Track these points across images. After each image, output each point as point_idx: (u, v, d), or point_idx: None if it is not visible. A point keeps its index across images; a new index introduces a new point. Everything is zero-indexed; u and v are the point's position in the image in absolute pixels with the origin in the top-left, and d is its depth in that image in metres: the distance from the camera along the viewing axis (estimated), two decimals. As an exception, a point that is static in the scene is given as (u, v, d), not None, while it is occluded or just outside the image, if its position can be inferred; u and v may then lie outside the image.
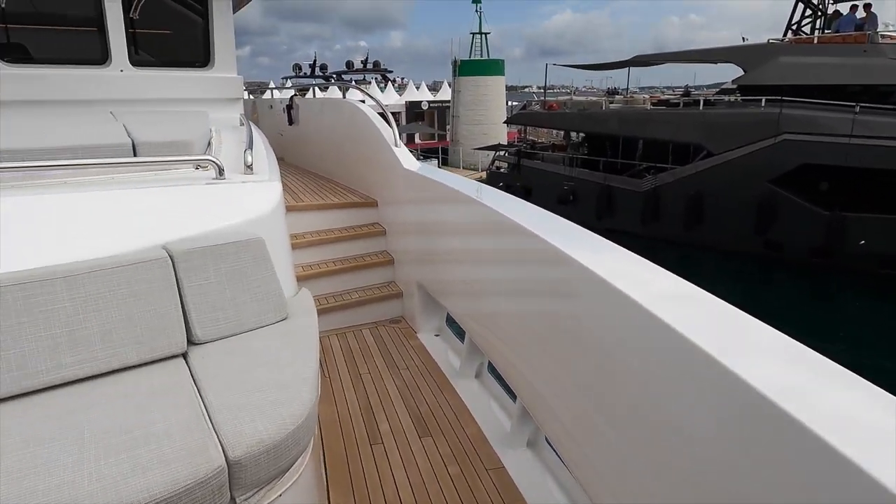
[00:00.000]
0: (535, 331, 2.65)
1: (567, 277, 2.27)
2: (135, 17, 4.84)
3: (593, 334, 2.11)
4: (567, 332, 2.32)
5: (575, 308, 2.25)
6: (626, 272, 2.01)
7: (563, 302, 2.37)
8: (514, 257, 2.87)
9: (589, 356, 2.14)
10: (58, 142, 2.65)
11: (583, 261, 2.14)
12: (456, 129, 36.08)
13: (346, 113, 6.24)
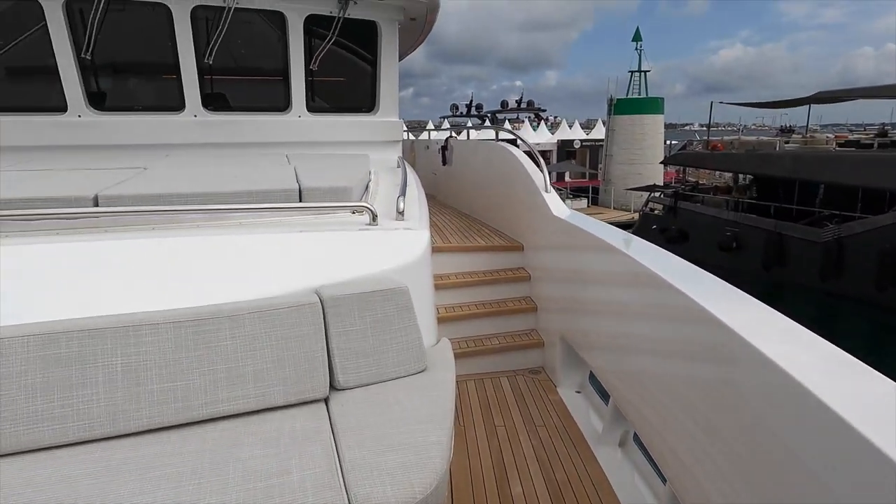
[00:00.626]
0: (686, 399, 2.36)
1: (722, 343, 2.04)
2: (314, 69, 5.33)
3: (752, 410, 1.85)
4: (723, 405, 2.05)
5: (731, 376, 1.99)
6: (786, 341, 1.85)
7: (717, 369, 2.10)
8: (663, 315, 2.62)
9: (748, 434, 1.87)
10: (239, 186, 2.93)
11: (742, 331, 1.94)
12: (609, 168, 35.11)
13: (497, 156, 6.29)
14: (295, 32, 5.09)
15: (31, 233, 2.48)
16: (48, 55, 4.63)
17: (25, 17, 4.59)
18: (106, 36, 4.64)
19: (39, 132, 4.79)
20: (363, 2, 5.17)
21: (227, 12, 4.71)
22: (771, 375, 1.75)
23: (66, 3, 4.46)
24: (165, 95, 5.13)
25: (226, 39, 4.86)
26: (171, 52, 4.86)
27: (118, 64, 5.22)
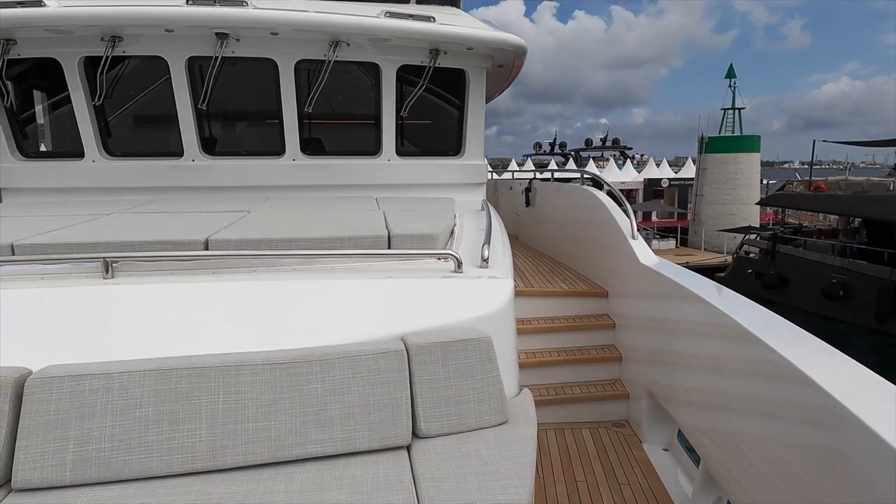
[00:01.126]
0: (786, 467, 2.19)
1: (823, 408, 1.89)
2: (405, 116, 5.56)
3: (865, 485, 1.68)
4: (829, 476, 1.88)
5: (837, 445, 1.83)
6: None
7: (820, 435, 1.94)
8: (756, 373, 2.46)
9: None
10: (332, 231, 3.09)
11: (846, 400, 1.81)
12: (699, 208, 33.70)
13: (582, 199, 6.23)
14: (388, 81, 5.36)
15: (152, 273, 2.72)
16: (169, 106, 5.13)
17: (152, 73, 5.14)
18: (219, 87, 5.09)
19: (159, 174, 5.29)
20: (453, 52, 5.37)
21: (328, 65, 5.04)
22: (883, 451, 1.60)
23: (188, 60, 4.95)
24: (268, 141, 5.53)
25: (323, 88, 5.19)
26: (274, 101, 5.25)
27: (228, 113, 5.70)
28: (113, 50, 4.78)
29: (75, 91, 4.98)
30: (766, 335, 2.43)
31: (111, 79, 5.01)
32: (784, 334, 2.46)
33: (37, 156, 5.49)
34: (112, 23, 4.63)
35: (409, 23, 4.95)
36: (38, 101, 5.70)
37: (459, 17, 6.39)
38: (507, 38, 5.34)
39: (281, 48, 5.00)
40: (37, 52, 4.86)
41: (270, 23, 4.71)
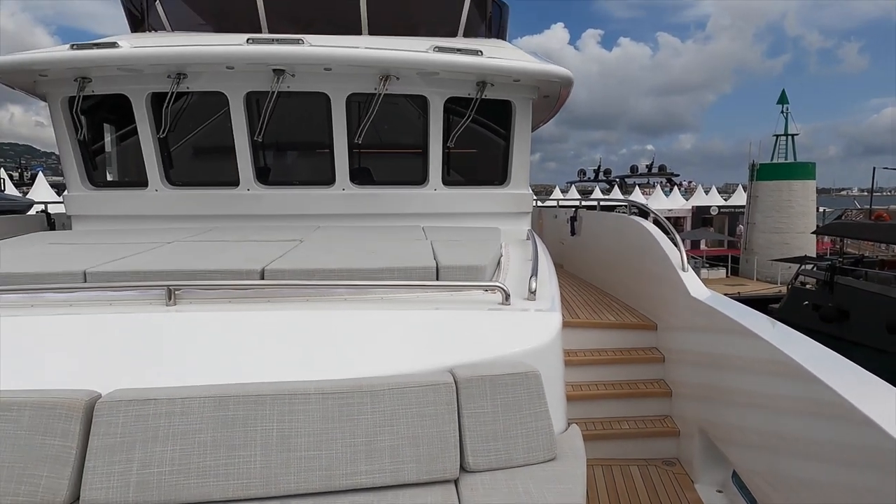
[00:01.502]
0: None
1: (892, 452, 1.78)
2: (451, 146, 5.64)
3: None
4: None
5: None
6: None
7: (892, 484, 1.83)
8: (816, 414, 2.36)
9: None
10: (382, 262, 3.15)
11: None
12: (751, 236, 32.65)
13: (629, 229, 6.15)
14: (435, 113, 5.47)
15: (211, 300, 2.84)
16: (227, 138, 5.38)
17: (211, 106, 5.40)
18: (273, 120, 5.30)
19: (216, 203, 5.52)
20: (499, 83, 5.45)
21: (378, 98, 5.19)
22: None
23: (246, 94, 5.19)
24: (319, 171, 5.70)
25: (372, 120, 5.34)
26: (326, 133, 5.43)
27: (281, 144, 5.92)
28: (178, 86, 5.06)
29: (142, 124, 5.28)
30: (826, 374, 2.34)
31: (174, 112, 5.29)
32: (845, 373, 2.37)
33: (104, 185, 5.81)
34: (179, 62, 4.91)
35: (457, 57, 5.06)
36: (107, 133, 6.07)
37: (506, 50, 6.49)
38: (553, 70, 5.39)
39: (333, 82, 5.19)
40: (109, 89, 5.19)
41: (325, 59, 4.91)
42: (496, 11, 7.47)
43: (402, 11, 7.29)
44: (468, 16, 6.97)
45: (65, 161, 5.61)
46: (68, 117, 5.31)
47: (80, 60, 4.85)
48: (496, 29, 7.50)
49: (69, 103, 5.23)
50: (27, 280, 2.86)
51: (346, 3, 6.61)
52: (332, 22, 6.78)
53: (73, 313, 2.67)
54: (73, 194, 5.62)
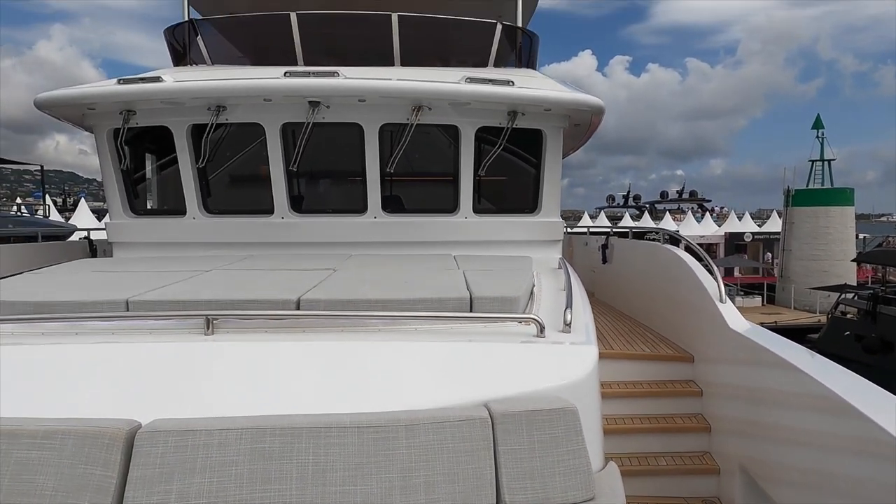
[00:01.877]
0: None
1: None
2: (482, 175, 5.67)
3: None
4: None
5: None
6: None
7: None
8: (865, 453, 2.25)
9: None
10: (416, 293, 3.15)
11: None
12: (787, 264, 31.83)
13: (662, 259, 6.05)
14: (466, 142, 5.51)
15: (248, 330, 2.87)
16: (263, 167, 5.50)
17: (248, 137, 5.55)
18: (307, 149, 5.41)
19: (251, 231, 5.63)
20: (530, 113, 5.48)
21: (410, 128, 5.27)
22: None
23: (283, 125, 5.32)
24: (351, 199, 5.78)
25: (404, 149, 5.41)
26: (358, 162, 5.51)
27: (315, 172, 6.03)
28: (217, 118, 5.22)
29: (182, 155, 5.45)
30: (872, 410, 2.24)
31: (213, 143, 5.45)
32: (891, 409, 2.26)
33: (145, 213, 5.99)
34: (219, 95, 5.08)
35: (488, 87, 5.12)
36: (148, 163, 6.28)
37: (536, 79, 6.54)
38: (584, 99, 5.40)
39: (367, 113, 5.29)
40: (152, 121, 5.38)
41: (359, 91, 5.01)
42: (526, 41, 7.56)
43: (433, 43, 7.42)
44: (498, 46, 7.07)
45: (108, 190, 5.81)
46: (113, 148, 5.51)
47: (127, 94, 5.05)
48: (526, 58, 7.58)
49: (114, 135, 5.43)
50: (72, 308, 2.94)
51: (379, 36, 6.76)
52: (366, 53, 6.94)
53: (114, 342, 2.72)
54: (114, 222, 5.80)
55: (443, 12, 7.61)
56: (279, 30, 6.57)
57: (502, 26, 7.01)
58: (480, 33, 7.15)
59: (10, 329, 2.80)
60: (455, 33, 7.57)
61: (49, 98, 5.17)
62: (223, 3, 7.96)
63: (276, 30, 6.68)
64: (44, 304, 2.97)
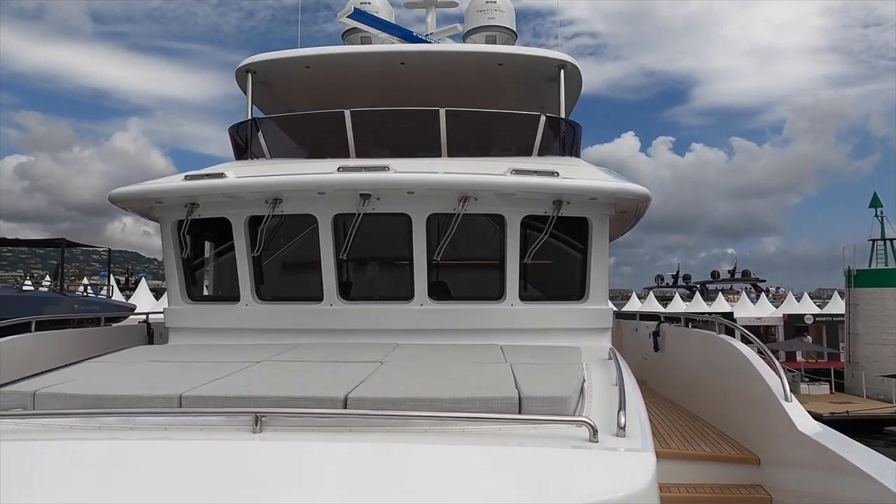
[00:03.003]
0: None
1: None
2: (528, 262, 5.66)
3: None
4: None
5: None
6: None
7: None
8: None
9: None
10: (463, 391, 3.10)
11: None
12: (854, 348, 29.91)
13: (719, 350, 5.80)
14: (512, 230, 5.56)
15: (296, 428, 2.86)
16: (313, 255, 5.67)
17: (301, 227, 5.76)
18: (357, 238, 5.57)
19: (301, 318, 5.73)
20: (576, 201, 5.51)
21: (457, 218, 5.37)
22: None
23: (334, 216, 5.52)
24: (398, 287, 5.85)
25: (451, 237, 5.49)
26: (406, 250, 5.62)
27: (363, 260, 6.17)
28: (273, 209, 5.47)
29: (238, 244, 5.69)
30: None
31: (268, 233, 5.68)
32: None
33: (201, 299, 6.21)
34: (277, 189, 5.35)
35: (534, 178, 5.22)
36: (206, 251, 6.58)
37: (580, 168, 6.64)
38: (629, 189, 5.42)
39: (415, 204, 5.44)
40: (213, 213, 5.68)
41: (409, 184, 5.20)
42: (569, 131, 7.75)
43: (479, 135, 7.71)
44: (542, 136, 7.26)
45: (168, 276, 6.08)
46: (176, 239, 5.82)
47: (193, 190, 5.39)
48: (569, 147, 7.74)
49: (178, 226, 5.75)
50: (128, 402, 3.01)
51: (427, 129, 7.07)
52: (415, 145, 7.25)
53: (167, 438, 2.76)
54: (172, 308, 6.02)
55: (488, 104, 7.94)
56: (334, 125, 6.97)
57: (546, 118, 7.23)
58: (525, 125, 7.39)
59: (69, 423, 2.87)
60: (500, 125, 7.85)
61: (122, 193, 5.56)
62: (283, 101, 8.56)
63: (331, 125, 7.09)
64: (102, 398, 3.06)
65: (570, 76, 7.73)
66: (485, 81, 8.15)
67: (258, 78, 7.74)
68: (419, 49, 8.00)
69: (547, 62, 7.71)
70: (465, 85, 8.18)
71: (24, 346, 5.73)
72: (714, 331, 6.45)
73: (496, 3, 9.67)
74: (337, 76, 8.08)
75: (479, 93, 8.26)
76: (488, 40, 9.54)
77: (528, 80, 8.06)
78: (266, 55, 7.77)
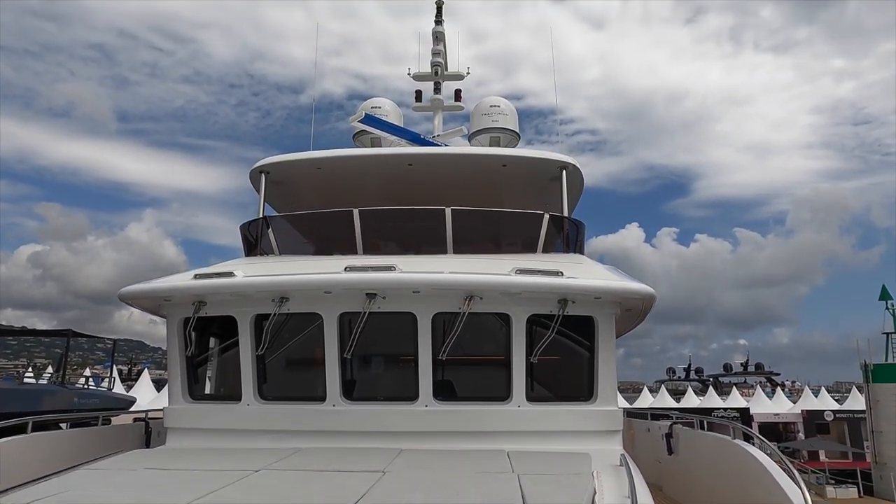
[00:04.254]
0: None
1: None
2: (534, 361, 5.57)
3: None
4: None
5: None
6: None
7: None
8: None
9: None
10: None
11: None
12: (880, 447, 28.49)
13: (736, 457, 5.56)
14: (518, 329, 5.52)
15: None
16: (317, 354, 5.61)
17: (305, 325, 5.74)
18: (362, 336, 5.53)
19: (303, 419, 5.58)
20: (581, 301, 5.51)
21: (462, 317, 5.37)
22: None
23: (340, 315, 5.52)
24: (402, 387, 5.73)
25: (456, 335, 5.45)
26: (411, 349, 5.56)
27: (367, 359, 6.10)
28: (280, 308, 5.50)
29: (243, 343, 5.67)
30: None
31: (273, 331, 5.67)
32: None
33: (202, 398, 6.10)
34: (284, 288, 5.41)
35: (538, 279, 5.25)
36: (210, 349, 6.54)
37: (585, 265, 6.70)
38: (634, 288, 5.43)
39: (420, 303, 5.46)
40: (219, 311, 5.71)
41: (414, 284, 5.24)
42: (572, 229, 7.89)
43: (484, 232, 7.86)
44: (546, 233, 7.39)
45: (171, 373, 6.02)
46: (182, 336, 5.82)
47: (201, 288, 5.45)
48: (573, 244, 7.84)
49: (184, 324, 5.76)
50: None
51: (433, 227, 7.23)
52: (421, 242, 7.39)
53: None
54: (172, 407, 5.91)
55: (493, 202, 8.16)
56: (343, 223, 7.15)
57: (549, 216, 7.39)
58: (529, 223, 7.54)
59: None
60: (505, 223, 8.02)
61: (131, 292, 5.63)
62: (295, 199, 8.84)
63: (340, 223, 7.27)
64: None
65: (572, 176, 7.98)
66: (490, 181, 8.43)
67: (272, 178, 8.04)
68: (426, 152, 8.35)
69: (549, 164, 8.00)
70: (470, 184, 8.46)
71: (21, 448, 5.59)
72: (729, 434, 6.22)
73: (500, 106, 10.21)
74: (347, 177, 8.40)
75: (485, 192, 8.52)
76: (492, 141, 9.98)
77: (531, 179, 8.33)
78: (280, 157, 8.12)
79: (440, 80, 11.11)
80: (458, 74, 11.40)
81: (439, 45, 11.04)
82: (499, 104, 10.21)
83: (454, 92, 11.39)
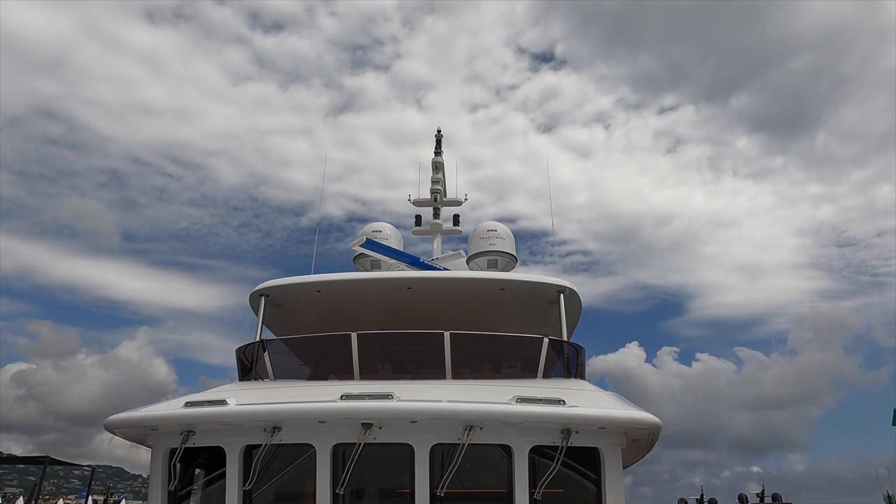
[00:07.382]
0: None
1: None
2: (538, 498, 5.25)
3: None
4: None
5: None
6: None
7: None
8: None
9: None
10: None
11: None
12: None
13: None
14: (520, 461, 5.27)
15: None
16: (308, 486, 5.29)
17: (296, 456, 5.47)
18: (356, 468, 5.25)
19: None
20: (585, 431, 5.31)
21: (462, 448, 5.14)
22: None
23: (334, 446, 5.29)
24: None
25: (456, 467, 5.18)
26: (407, 483, 5.26)
27: (360, 494, 5.74)
28: (271, 438, 5.27)
29: (231, 474, 5.37)
30: None
31: (262, 462, 5.39)
32: None
33: None
34: (277, 418, 5.22)
35: (540, 408, 5.10)
36: (194, 480, 6.17)
37: (587, 392, 6.54)
38: (639, 418, 5.26)
39: (418, 433, 5.25)
40: (208, 441, 5.46)
41: (412, 414, 5.08)
42: (573, 353, 7.80)
43: (483, 356, 7.77)
44: (546, 358, 7.29)
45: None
46: (166, 468, 5.52)
47: (190, 417, 5.26)
48: (573, 368, 7.72)
49: (170, 455, 5.49)
50: None
51: (432, 351, 7.15)
52: (419, 366, 7.27)
53: None
54: None
55: (492, 324, 8.13)
56: (340, 347, 7.08)
57: (549, 341, 7.33)
58: (528, 347, 7.48)
59: None
60: (504, 347, 7.95)
61: (117, 421, 5.43)
62: (293, 321, 8.83)
63: (338, 347, 7.20)
64: None
65: (570, 300, 8.04)
66: (488, 304, 8.47)
67: (271, 300, 8.07)
68: (425, 276, 8.48)
69: (547, 287, 8.09)
70: (469, 308, 8.49)
71: None
72: None
73: (497, 231, 10.53)
74: (347, 300, 8.44)
75: (483, 315, 8.53)
76: (490, 264, 10.18)
77: (529, 303, 8.38)
78: (280, 280, 8.21)
79: (439, 205, 11.57)
80: (457, 200, 11.91)
81: (438, 173, 11.62)
82: (496, 228, 10.55)
83: (452, 217, 11.82)
